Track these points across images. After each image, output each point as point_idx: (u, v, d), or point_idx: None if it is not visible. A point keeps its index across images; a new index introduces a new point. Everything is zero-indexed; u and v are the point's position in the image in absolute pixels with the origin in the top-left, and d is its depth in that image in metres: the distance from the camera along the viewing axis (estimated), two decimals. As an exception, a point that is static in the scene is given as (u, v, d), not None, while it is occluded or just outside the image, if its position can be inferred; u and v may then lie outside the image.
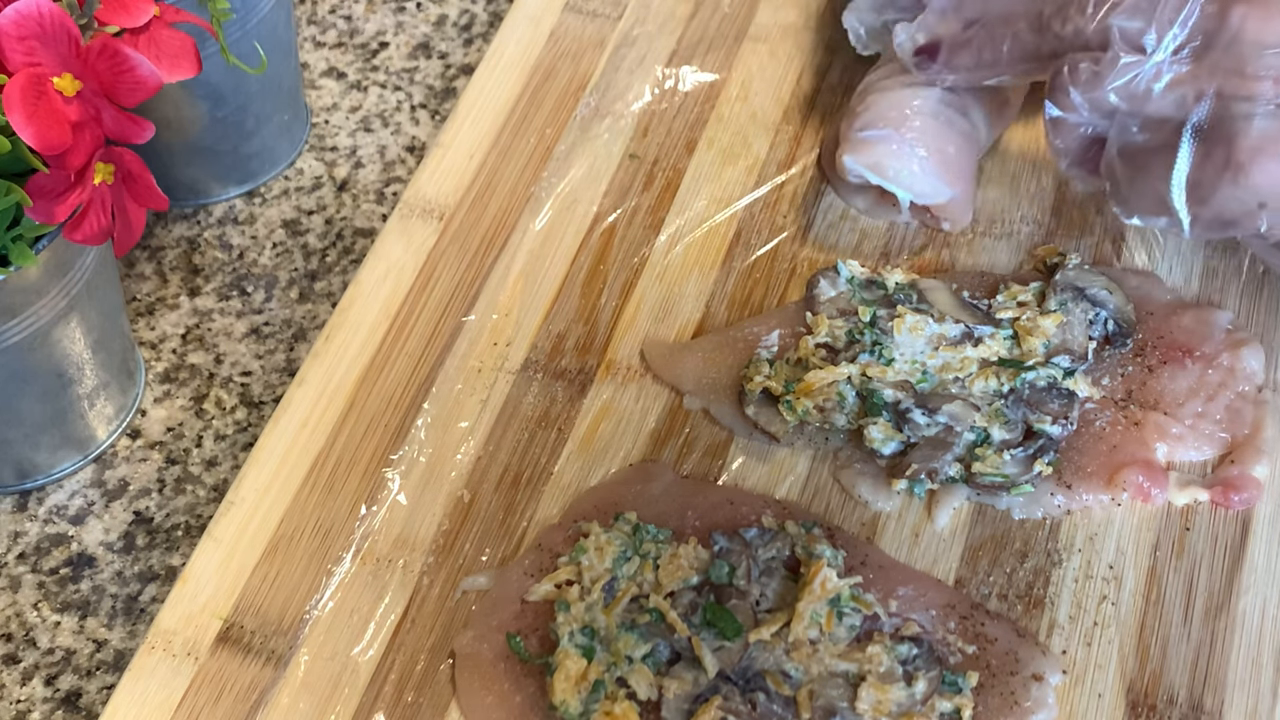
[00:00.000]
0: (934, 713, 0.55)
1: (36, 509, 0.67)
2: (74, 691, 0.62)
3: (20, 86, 0.52)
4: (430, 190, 0.72)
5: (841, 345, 0.65)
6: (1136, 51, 0.58)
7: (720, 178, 0.73)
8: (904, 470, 0.61)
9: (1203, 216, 0.58)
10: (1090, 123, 0.61)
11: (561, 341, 0.67)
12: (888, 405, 0.62)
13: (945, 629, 0.58)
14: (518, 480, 0.63)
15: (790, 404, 0.63)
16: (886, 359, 0.64)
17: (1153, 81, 0.58)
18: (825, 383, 0.63)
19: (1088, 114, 0.60)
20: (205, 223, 0.77)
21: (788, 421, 0.63)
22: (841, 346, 0.65)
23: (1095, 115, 0.60)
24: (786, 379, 0.64)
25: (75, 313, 0.62)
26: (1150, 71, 0.58)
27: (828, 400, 0.63)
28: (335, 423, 0.65)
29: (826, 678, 0.56)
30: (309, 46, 0.84)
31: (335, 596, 0.60)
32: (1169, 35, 0.58)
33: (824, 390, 0.63)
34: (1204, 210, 0.58)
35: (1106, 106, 0.60)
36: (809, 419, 0.63)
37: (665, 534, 0.60)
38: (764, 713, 0.55)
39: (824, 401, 0.63)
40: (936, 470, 0.61)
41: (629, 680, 0.56)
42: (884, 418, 0.62)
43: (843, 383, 0.63)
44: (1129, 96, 0.59)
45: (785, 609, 0.57)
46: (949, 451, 0.61)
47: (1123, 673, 0.57)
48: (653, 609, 0.57)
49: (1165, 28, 0.58)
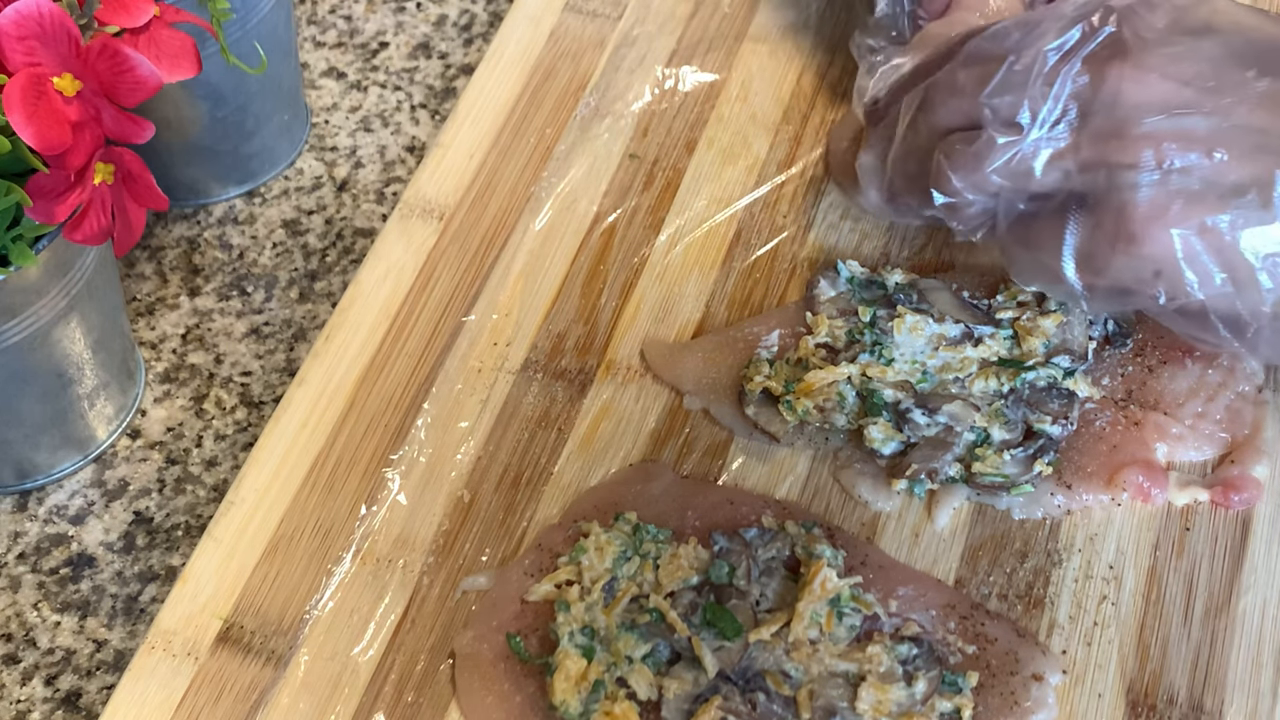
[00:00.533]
0: (934, 713, 0.55)
1: (36, 509, 0.67)
2: (74, 691, 0.62)
3: (20, 86, 0.52)
4: (430, 190, 0.72)
5: (841, 345, 0.65)
6: (1012, 130, 0.56)
7: (720, 178, 0.73)
8: (904, 470, 0.61)
9: (1099, 287, 0.56)
10: (978, 203, 0.58)
11: (561, 341, 0.67)
12: (887, 405, 0.62)
13: (945, 629, 0.58)
14: (518, 480, 0.63)
15: (790, 404, 0.63)
16: (886, 359, 0.64)
17: (1032, 159, 0.56)
18: (825, 383, 0.63)
19: (973, 196, 0.58)
20: (205, 223, 0.77)
21: (787, 421, 0.63)
22: (841, 346, 0.65)
23: (981, 195, 0.58)
24: (786, 379, 0.64)
25: (75, 313, 0.62)
26: (1029, 148, 0.56)
27: (828, 400, 0.63)
28: (335, 423, 0.65)
29: (826, 678, 0.56)
30: (309, 46, 0.84)
31: (335, 596, 0.60)
32: (1043, 110, 0.55)
33: (824, 390, 0.63)
34: (1099, 280, 0.56)
35: (989, 187, 0.57)
36: (809, 419, 0.63)
37: (665, 534, 0.60)
38: (764, 713, 0.55)
39: (824, 401, 0.63)
40: (936, 470, 0.61)
41: (629, 680, 0.56)
42: (884, 418, 0.62)
43: (843, 383, 0.63)
44: (1010, 175, 0.57)
45: (785, 609, 0.57)
46: (949, 451, 0.61)
47: (1123, 673, 0.57)
48: (653, 609, 0.57)
49: (1039, 102, 0.55)
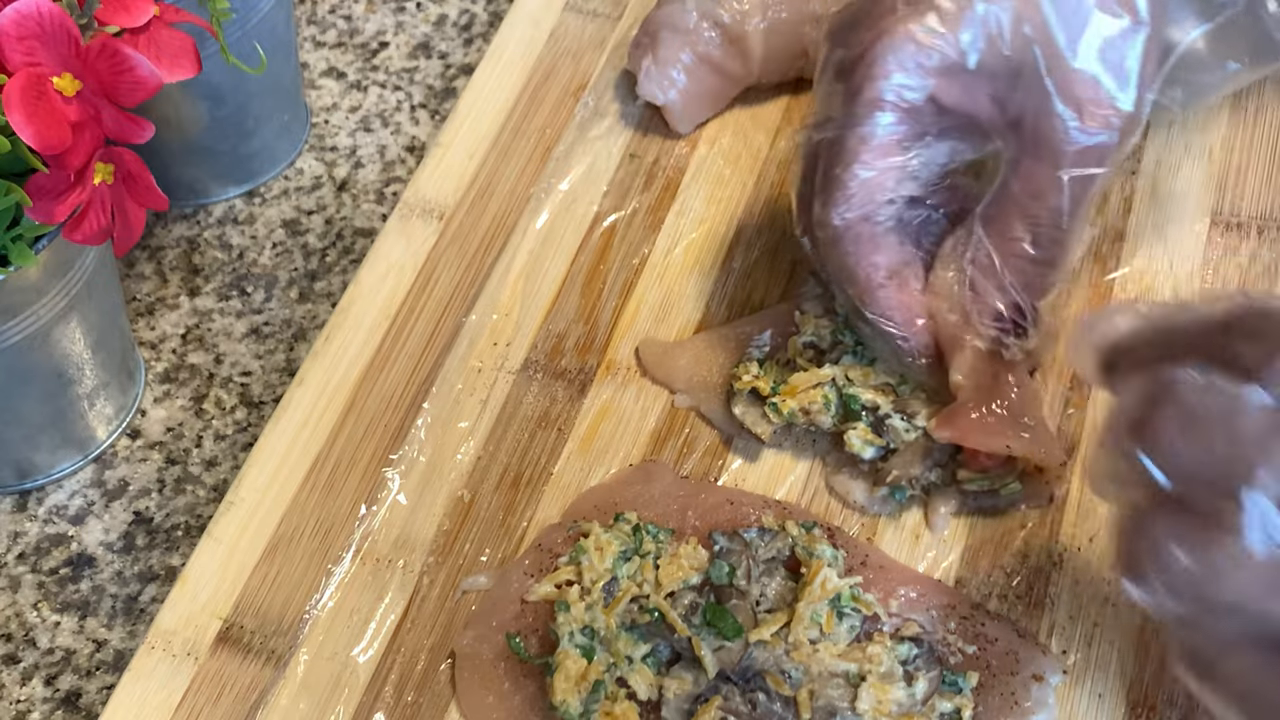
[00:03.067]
0: (934, 713, 0.55)
1: (36, 509, 0.67)
2: (74, 691, 0.62)
3: (20, 86, 0.52)
4: (430, 190, 0.72)
5: (826, 345, 0.64)
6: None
7: (720, 177, 0.73)
8: (884, 478, 0.61)
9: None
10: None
11: (561, 341, 0.67)
12: (867, 409, 0.62)
13: (945, 629, 0.58)
14: (518, 480, 0.63)
15: (776, 406, 0.62)
16: (868, 359, 0.63)
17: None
18: (809, 385, 0.62)
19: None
20: (205, 223, 0.77)
21: (773, 423, 0.62)
22: (826, 347, 0.64)
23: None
24: (775, 380, 0.63)
25: (75, 313, 0.62)
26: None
27: (813, 403, 0.62)
28: (335, 423, 0.65)
29: (827, 678, 0.56)
30: (309, 46, 0.84)
31: (335, 596, 0.60)
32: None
33: (809, 393, 0.62)
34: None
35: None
36: (795, 421, 0.62)
37: (666, 534, 0.60)
38: (764, 713, 0.55)
39: (809, 404, 0.62)
40: (917, 477, 0.61)
41: (629, 680, 0.56)
42: (864, 422, 0.61)
43: (827, 385, 0.63)
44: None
45: (785, 609, 0.57)
46: (929, 457, 0.61)
47: (1123, 673, 0.57)
48: (653, 609, 0.57)
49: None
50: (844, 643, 0.57)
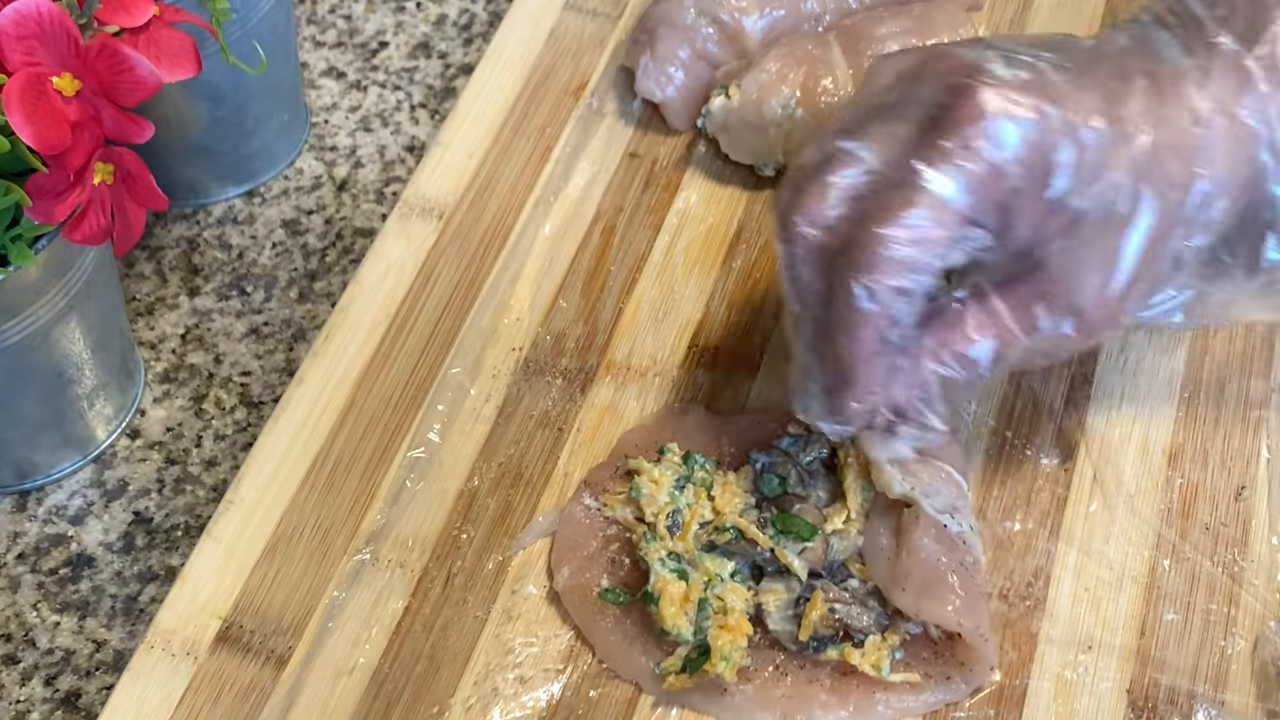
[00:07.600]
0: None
1: (36, 509, 0.67)
2: (73, 691, 0.62)
3: (20, 86, 0.52)
4: (430, 190, 0.72)
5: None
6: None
7: (720, 177, 0.73)
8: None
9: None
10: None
11: (561, 341, 0.67)
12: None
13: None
14: (518, 480, 0.63)
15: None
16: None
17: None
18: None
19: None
20: (205, 223, 0.77)
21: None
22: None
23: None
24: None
25: (75, 313, 0.62)
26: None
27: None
28: (335, 422, 0.65)
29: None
30: (309, 46, 0.84)
31: (335, 596, 0.60)
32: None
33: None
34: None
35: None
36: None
37: (711, 463, 0.61)
38: (861, 596, 0.57)
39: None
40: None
41: (724, 598, 0.57)
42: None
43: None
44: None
45: (841, 501, 0.59)
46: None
47: (1123, 673, 0.57)
48: (730, 527, 0.59)
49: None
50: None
